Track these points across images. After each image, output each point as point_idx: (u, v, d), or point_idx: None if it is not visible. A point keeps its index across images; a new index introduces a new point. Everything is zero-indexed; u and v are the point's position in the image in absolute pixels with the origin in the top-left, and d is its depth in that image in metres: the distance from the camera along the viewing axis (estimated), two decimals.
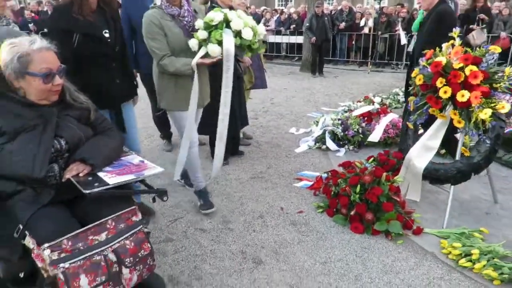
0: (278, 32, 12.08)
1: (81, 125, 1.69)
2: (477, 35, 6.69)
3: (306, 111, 5.82)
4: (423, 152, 2.72)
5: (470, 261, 2.19)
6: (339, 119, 4.40)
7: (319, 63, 9.44)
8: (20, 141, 1.49)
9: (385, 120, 4.37)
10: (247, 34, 2.30)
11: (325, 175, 3.19)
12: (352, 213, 2.64)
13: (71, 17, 2.09)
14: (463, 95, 2.29)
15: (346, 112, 5.01)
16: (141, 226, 1.54)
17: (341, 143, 4.19)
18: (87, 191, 1.42)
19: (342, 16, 10.92)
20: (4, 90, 1.52)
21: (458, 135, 2.69)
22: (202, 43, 2.32)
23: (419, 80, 2.58)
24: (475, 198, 3.05)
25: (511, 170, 3.51)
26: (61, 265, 1.32)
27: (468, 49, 2.41)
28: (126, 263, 1.43)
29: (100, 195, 1.45)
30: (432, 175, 2.65)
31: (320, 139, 4.27)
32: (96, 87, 2.16)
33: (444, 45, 2.56)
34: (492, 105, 2.23)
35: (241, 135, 4.35)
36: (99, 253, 1.39)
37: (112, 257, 1.41)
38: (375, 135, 4.17)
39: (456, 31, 2.53)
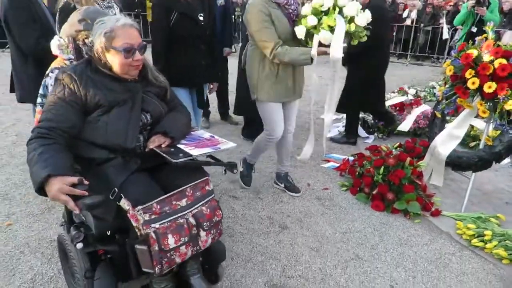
0: None
1: (160, 101, 1.80)
2: (508, 37, 6.52)
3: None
4: (448, 140, 2.84)
5: (483, 241, 2.34)
6: None
7: None
8: (114, 114, 1.60)
9: (417, 111, 4.46)
10: (362, 20, 2.21)
11: (352, 157, 3.38)
12: (374, 192, 2.83)
13: None
14: (490, 87, 2.40)
15: None
16: (213, 194, 1.68)
17: (371, 130, 4.33)
18: (175, 160, 1.55)
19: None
20: (97, 65, 1.64)
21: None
22: (313, 30, 2.23)
23: (449, 71, 2.70)
24: (498, 189, 3.14)
25: None
26: (153, 225, 1.45)
27: (501, 44, 2.50)
28: (204, 226, 1.56)
29: (185, 164, 1.59)
30: (455, 162, 2.78)
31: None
32: (183, 67, 2.38)
33: (477, 38, 2.66)
34: None
35: None
36: (182, 216, 1.52)
37: (192, 220, 1.54)
38: (405, 125, 4.28)
39: (490, 26, 2.62)
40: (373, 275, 2.10)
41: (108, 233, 1.58)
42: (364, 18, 2.23)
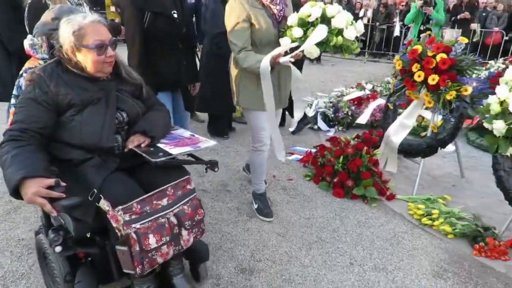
0: None
1: (136, 100, 1.77)
2: (449, 35, 7.08)
3: (302, 96, 6.15)
4: (400, 129, 3.09)
5: (431, 219, 2.58)
6: (330, 102, 4.76)
7: None
8: (88, 113, 1.57)
9: (373, 104, 4.73)
10: (351, 34, 2.09)
11: (314, 149, 3.56)
12: (335, 180, 3.02)
13: None
14: (433, 79, 2.64)
15: (338, 97, 5.36)
16: (195, 193, 1.66)
17: (332, 123, 4.56)
18: (155, 160, 1.54)
19: (342, 5, 11.16)
20: (68, 65, 1.60)
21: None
22: (298, 41, 2.10)
23: (398, 66, 2.93)
24: (446, 173, 3.44)
25: (481, 152, 3.88)
26: (133, 225, 1.43)
27: (442, 39, 2.76)
28: (186, 225, 1.55)
29: (166, 163, 1.57)
30: (406, 150, 3.03)
31: (313, 120, 4.63)
32: (167, 68, 2.30)
33: (422, 35, 2.91)
34: (457, 88, 2.59)
35: (240, 114, 4.71)
36: (163, 216, 1.51)
37: (173, 220, 1.53)
38: (363, 118, 4.54)
39: (432, 23, 2.87)
40: (334, 254, 2.28)
41: (88, 235, 1.57)
42: (354, 31, 2.10)
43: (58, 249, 1.50)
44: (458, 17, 7.63)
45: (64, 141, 1.56)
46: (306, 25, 2.11)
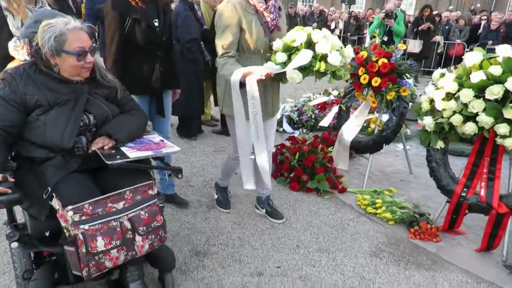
0: None
1: (109, 103, 1.78)
2: (412, 45, 7.61)
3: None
4: (351, 128, 3.35)
5: (375, 208, 2.83)
6: (295, 106, 5.01)
7: None
8: (53, 114, 1.60)
9: (335, 109, 5.01)
10: (335, 59, 2.03)
11: (274, 148, 3.78)
12: (291, 175, 3.24)
13: (126, 1, 2.26)
14: (376, 81, 2.92)
15: (305, 102, 5.63)
16: (156, 199, 1.64)
17: (296, 126, 4.81)
18: (110, 162, 1.53)
19: (314, 18, 11.61)
20: (42, 66, 1.64)
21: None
22: (281, 65, 2.08)
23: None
24: (396, 170, 3.72)
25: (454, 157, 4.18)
26: (81, 226, 1.42)
27: (384, 46, 3.05)
28: (140, 231, 1.52)
29: (121, 166, 1.56)
30: (356, 146, 3.29)
31: (278, 123, 4.86)
32: (140, 73, 2.35)
33: (367, 42, 3.19)
34: (397, 89, 2.87)
35: (210, 117, 4.91)
36: (116, 219, 1.48)
37: (127, 224, 1.50)
38: (325, 120, 4.80)
39: (376, 31, 3.17)
40: (283, 239, 2.48)
41: (47, 233, 1.58)
42: (338, 56, 2.04)
43: (14, 245, 1.55)
44: (420, 28, 8.09)
45: (29, 140, 1.60)
46: (291, 49, 2.07)
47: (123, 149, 1.67)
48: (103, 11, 2.34)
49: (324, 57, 2.05)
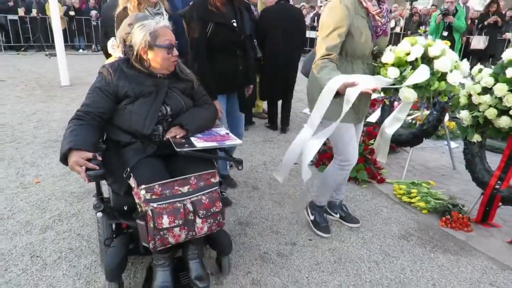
0: (312, 28, 12.80)
1: (184, 97, 1.96)
2: (476, 41, 7.23)
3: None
4: (393, 122, 3.47)
5: (410, 198, 2.96)
6: None
7: None
8: (138, 104, 1.81)
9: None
10: (456, 79, 1.88)
11: None
12: None
13: (207, 8, 2.42)
14: None
15: None
16: (217, 187, 1.77)
17: None
18: (178, 150, 1.72)
19: None
20: (134, 62, 1.86)
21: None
22: (395, 81, 1.92)
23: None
24: (439, 165, 3.77)
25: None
26: (151, 204, 1.59)
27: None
28: (200, 214, 1.67)
29: (188, 154, 1.74)
30: (397, 140, 3.42)
31: None
32: (223, 74, 2.52)
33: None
34: None
35: (262, 110, 5.25)
36: (180, 201, 1.65)
37: (189, 207, 1.66)
38: (373, 116, 4.90)
39: (422, 29, 3.26)
40: None
41: (126, 208, 1.78)
42: (459, 75, 1.89)
43: (99, 214, 1.80)
44: (486, 22, 7.70)
45: (116, 125, 1.84)
46: (404, 65, 1.91)
47: (192, 139, 1.84)
48: (182, 16, 2.51)
49: (443, 76, 1.88)
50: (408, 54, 1.91)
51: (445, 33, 6.26)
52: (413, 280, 2.11)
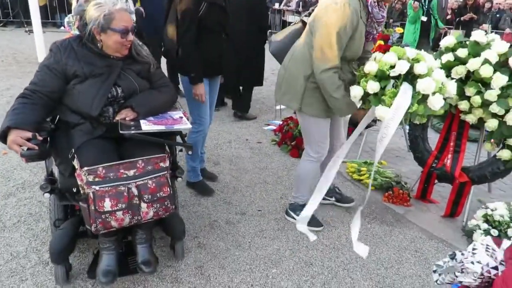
0: (297, 13, 12.82)
1: (139, 79, 1.91)
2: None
3: None
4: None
5: (360, 175, 3.16)
6: None
7: None
8: (87, 84, 1.77)
9: None
10: (437, 104, 1.79)
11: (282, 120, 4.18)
12: (293, 143, 3.64)
13: None
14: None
15: None
16: (166, 172, 1.73)
17: None
18: (123, 132, 1.69)
19: None
20: (86, 41, 1.81)
21: None
22: (371, 97, 1.87)
23: None
24: (396, 147, 3.97)
25: (437, 134, 4.36)
26: (93, 186, 1.57)
27: (384, 29, 3.30)
28: (145, 198, 1.63)
29: (133, 137, 1.71)
30: (353, 121, 3.59)
31: None
32: (212, 57, 2.45)
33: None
34: None
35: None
36: (125, 185, 1.61)
37: (134, 191, 1.62)
38: None
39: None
40: (271, 191, 2.92)
41: (74, 190, 1.71)
42: (440, 101, 1.80)
43: (46, 195, 1.73)
44: (462, 18, 7.90)
45: (66, 105, 1.80)
46: (386, 78, 1.83)
47: (142, 121, 1.80)
48: None
49: (424, 97, 1.80)
50: (392, 67, 1.83)
51: (425, 18, 6.42)
52: (346, 246, 2.31)
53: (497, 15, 10.07)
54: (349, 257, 2.23)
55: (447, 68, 2.42)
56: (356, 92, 1.93)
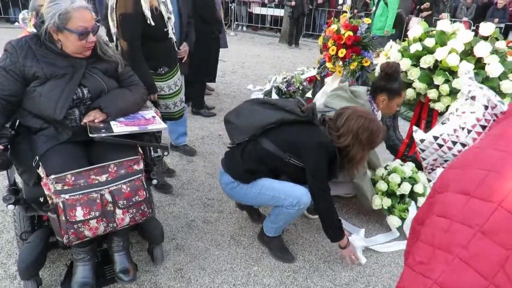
0: (263, 5, 12.74)
1: (106, 78, 1.78)
2: (413, 21, 7.74)
3: (268, 74, 6.71)
4: (322, 95, 3.67)
5: None
6: (284, 78, 5.32)
7: (296, 35, 10.25)
8: (49, 86, 1.62)
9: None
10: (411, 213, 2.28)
11: None
12: None
13: None
14: (342, 52, 3.21)
15: (299, 74, 5.92)
16: (140, 175, 1.62)
17: (284, 96, 5.13)
18: (92, 135, 1.57)
19: None
20: (45, 40, 1.65)
21: None
22: (384, 211, 2.37)
23: (320, 42, 3.50)
24: None
25: (407, 122, 4.48)
26: (62, 195, 1.46)
27: (353, 20, 3.32)
28: (119, 204, 1.54)
29: (104, 140, 1.59)
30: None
31: (268, 93, 5.20)
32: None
33: (341, 16, 3.47)
34: (360, 60, 3.16)
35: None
36: (97, 191, 1.51)
37: (108, 197, 1.53)
38: (311, 92, 5.11)
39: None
40: None
41: (41, 199, 1.60)
42: (413, 210, 2.28)
43: (10, 207, 1.61)
44: (421, 7, 8.17)
45: (26, 109, 1.66)
46: (395, 196, 2.36)
47: (112, 123, 1.68)
48: None
49: (416, 196, 2.37)
50: (398, 187, 2.35)
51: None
52: (325, 238, 2.31)
53: (454, 4, 10.45)
54: (329, 249, 2.25)
55: (416, 58, 2.47)
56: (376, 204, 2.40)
